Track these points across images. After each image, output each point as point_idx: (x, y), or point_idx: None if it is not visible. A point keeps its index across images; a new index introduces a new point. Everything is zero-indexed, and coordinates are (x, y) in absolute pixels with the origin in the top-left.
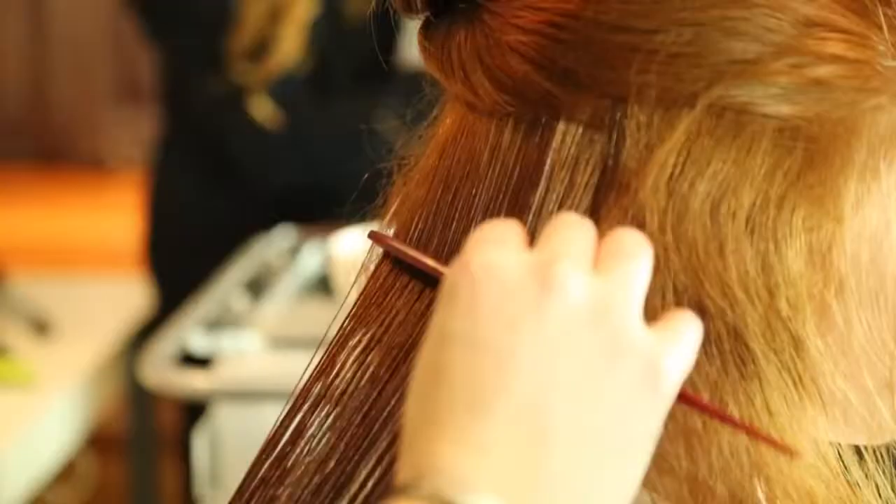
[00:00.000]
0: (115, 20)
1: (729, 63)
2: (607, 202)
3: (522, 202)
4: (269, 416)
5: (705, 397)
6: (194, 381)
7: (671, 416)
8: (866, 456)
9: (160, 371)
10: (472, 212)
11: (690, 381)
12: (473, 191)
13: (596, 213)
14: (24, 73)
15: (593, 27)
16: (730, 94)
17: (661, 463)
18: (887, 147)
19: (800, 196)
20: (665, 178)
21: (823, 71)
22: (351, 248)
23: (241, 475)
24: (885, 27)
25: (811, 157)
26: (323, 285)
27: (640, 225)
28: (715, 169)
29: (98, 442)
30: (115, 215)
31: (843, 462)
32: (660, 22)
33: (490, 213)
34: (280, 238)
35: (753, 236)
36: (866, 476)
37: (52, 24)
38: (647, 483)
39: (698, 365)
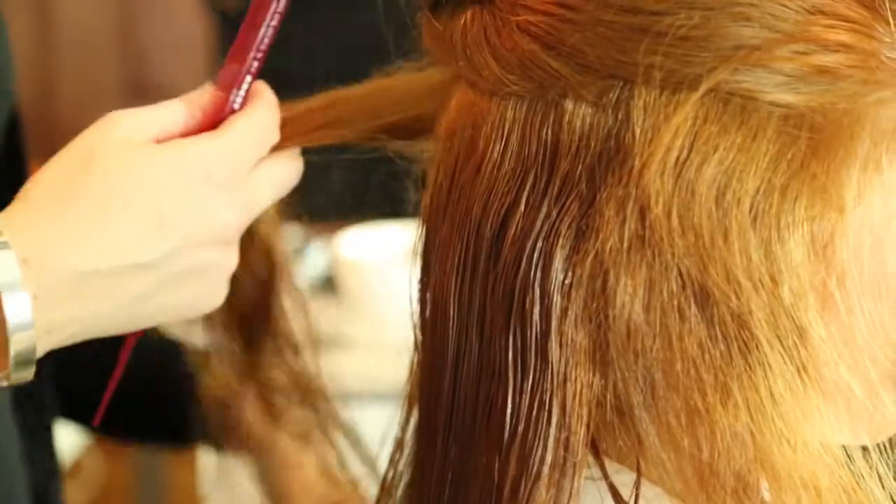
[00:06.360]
0: (122, 19)
1: (735, 48)
2: (607, 184)
3: (524, 180)
4: None
5: (709, 381)
6: None
7: (674, 391)
8: (870, 447)
9: None
10: (475, 189)
11: (694, 364)
12: (476, 169)
13: (596, 194)
14: (30, 73)
15: (602, 8)
16: (735, 79)
17: (666, 437)
18: (889, 141)
19: (803, 185)
20: (671, 162)
21: (829, 59)
22: (357, 248)
23: (247, 475)
24: (891, 21)
25: (815, 146)
26: (329, 285)
27: (645, 209)
28: (721, 155)
29: (105, 440)
30: None
31: (846, 453)
32: (669, 4)
33: (493, 191)
34: (285, 238)
35: (757, 224)
36: (870, 467)
37: (59, 23)
38: (653, 459)
39: (702, 348)
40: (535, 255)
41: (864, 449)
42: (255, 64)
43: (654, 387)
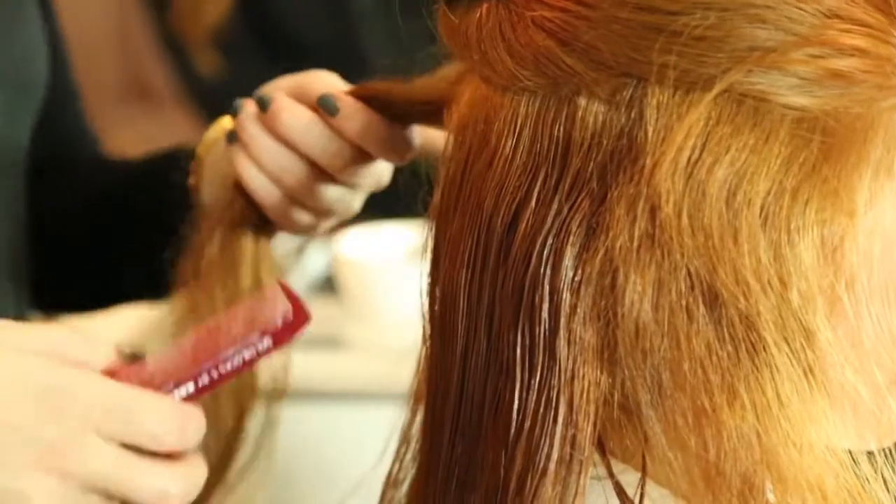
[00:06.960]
0: (122, 19)
1: (750, 49)
2: (618, 182)
3: (535, 175)
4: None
5: (716, 381)
6: None
7: (682, 391)
8: (876, 451)
9: None
10: (486, 183)
11: (701, 364)
12: (488, 163)
13: (607, 192)
14: None
15: (618, 5)
16: (749, 80)
17: (672, 436)
18: None
19: (814, 189)
20: (683, 161)
21: (844, 63)
22: (356, 248)
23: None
24: None
25: (827, 150)
26: (329, 285)
27: (655, 208)
28: (733, 156)
29: None
30: None
31: (852, 456)
32: (684, 4)
33: (504, 186)
34: (285, 237)
35: (767, 226)
36: (875, 470)
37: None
38: (659, 458)
39: (710, 349)
40: (546, 251)
41: (870, 453)
42: (206, 379)
43: (662, 386)
